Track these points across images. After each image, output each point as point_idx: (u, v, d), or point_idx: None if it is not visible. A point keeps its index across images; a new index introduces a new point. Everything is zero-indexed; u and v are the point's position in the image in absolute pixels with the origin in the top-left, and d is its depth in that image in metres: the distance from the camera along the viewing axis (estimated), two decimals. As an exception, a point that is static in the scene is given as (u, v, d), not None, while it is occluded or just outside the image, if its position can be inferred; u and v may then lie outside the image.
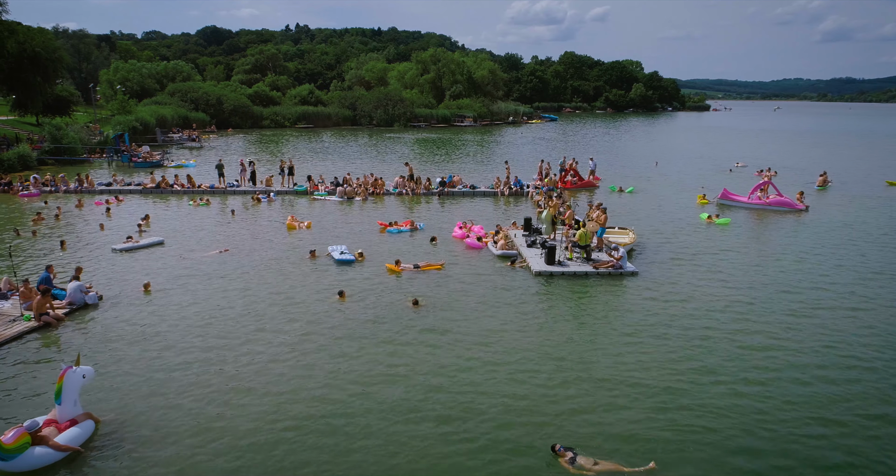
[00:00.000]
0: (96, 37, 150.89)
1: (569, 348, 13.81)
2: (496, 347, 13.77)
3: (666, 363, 13.05)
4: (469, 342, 14.02)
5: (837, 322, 15.47)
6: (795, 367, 12.98)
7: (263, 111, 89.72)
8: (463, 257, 21.26)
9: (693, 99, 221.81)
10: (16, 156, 41.47)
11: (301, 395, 11.60)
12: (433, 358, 13.20)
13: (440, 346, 13.82)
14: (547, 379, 12.31)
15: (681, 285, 18.29)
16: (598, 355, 13.46)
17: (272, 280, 18.40)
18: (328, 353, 13.36)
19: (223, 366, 12.73)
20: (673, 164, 49.65)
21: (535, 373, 12.57)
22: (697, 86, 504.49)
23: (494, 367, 12.82)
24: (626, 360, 13.17)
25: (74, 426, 9.77)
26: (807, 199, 31.49)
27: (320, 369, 12.63)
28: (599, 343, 14.14)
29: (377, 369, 12.65)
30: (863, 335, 14.66)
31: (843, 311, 16.30)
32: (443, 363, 12.95)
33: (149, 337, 14.06)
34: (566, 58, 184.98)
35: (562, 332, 14.72)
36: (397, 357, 13.23)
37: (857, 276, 19.44)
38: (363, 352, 13.45)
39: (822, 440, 10.35)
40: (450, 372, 12.58)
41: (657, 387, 12.01)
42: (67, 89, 64.86)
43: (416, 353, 13.46)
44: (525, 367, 12.84)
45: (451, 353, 13.45)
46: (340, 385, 11.96)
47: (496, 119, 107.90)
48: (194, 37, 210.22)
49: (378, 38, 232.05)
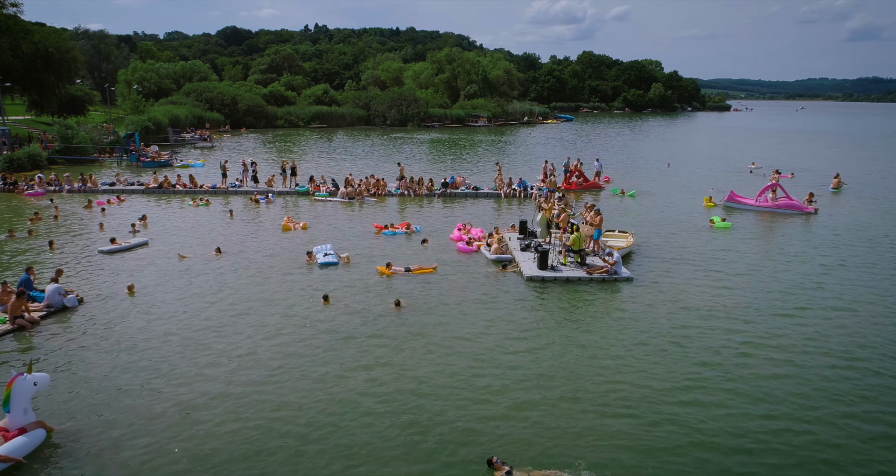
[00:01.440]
0: (118, 37, 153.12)
1: (547, 358, 13.31)
2: (469, 355, 13.32)
3: (654, 378, 12.50)
4: (443, 349, 13.57)
5: (838, 332, 14.81)
6: (799, 383, 12.37)
7: (278, 111, 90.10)
8: (456, 261, 20.83)
9: (713, 99, 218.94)
10: (26, 155, 41.87)
11: (266, 403, 11.26)
12: (404, 363, 12.79)
13: (413, 351, 13.41)
14: (510, 389, 11.84)
15: (677, 293, 17.66)
16: (578, 367, 12.94)
17: (257, 284, 18.11)
18: (299, 359, 13.01)
19: (193, 376, 12.44)
20: (686, 165, 48.72)
21: (502, 383, 12.11)
22: (720, 86, 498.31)
23: (463, 375, 12.38)
24: (605, 373, 12.65)
25: (22, 435, 9.52)
26: (820, 201, 30.63)
27: (288, 375, 12.28)
28: (581, 354, 13.62)
29: (346, 374, 12.28)
30: (862, 346, 14.00)
31: (846, 321, 15.61)
32: (412, 369, 12.54)
33: (122, 342, 13.82)
34: (584, 57, 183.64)
35: (544, 341, 14.23)
36: (365, 362, 12.83)
37: (860, 283, 18.66)
38: (333, 355, 13.08)
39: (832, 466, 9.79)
40: (418, 378, 12.16)
41: (642, 402, 11.49)
42: (82, 89, 65.47)
43: (389, 357, 13.07)
44: (495, 376, 12.39)
45: (422, 360, 13.03)
46: (306, 391, 11.60)
47: (511, 119, 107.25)
48: (214, 37, 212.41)
49: (396, 38, 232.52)
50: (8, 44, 47.96)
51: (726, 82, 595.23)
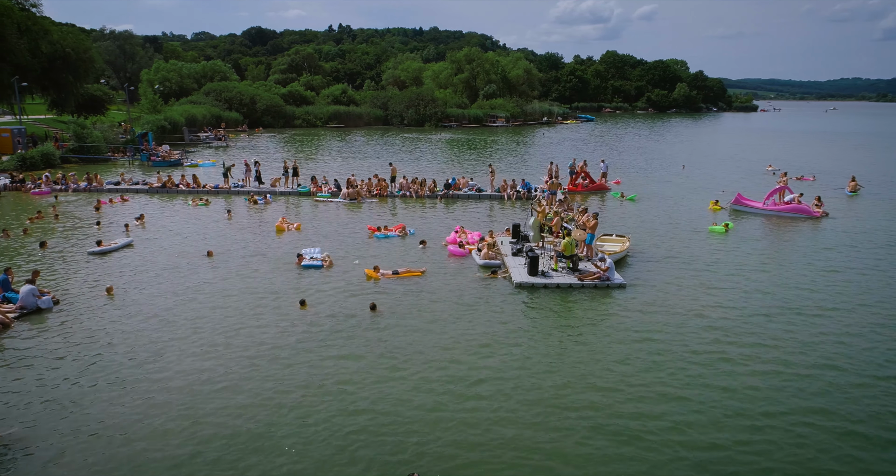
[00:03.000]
0: (146, 38, 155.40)
1: (516, 371, 12.78)
2: (439, 365, 12.84)
3: (639, 395, 11.91)
4: (408, 359, 13.11)
5: (840, 347, 14.03)
6: (797, 397, 11.68)
7: (295, 110, 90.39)
8: (446, 265, 20.35)
9: (740, 99, 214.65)
10: (39, 154, 42.36)
11: (224, 410, 10.93)
12: (368, 370, 12.36)
13: (374, 361, 12.98)
14: (469, 399, 11.35)
15: (671, 300, 16.95)
16: (555, 380, 12.40)
17: (238, 287, 17.84)
18: (262, 367, 12.67)
19: (153, 380, 12.18)
20: (702, 167, 47.51)
21: (463, 393, 11.63)
22: (748, 85, 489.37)
23: (432, 386, 11.91)
24: (575, 390, 12.09)
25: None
26: (836, 205, 29.55)
27: (247, 383, 11.93)
28: (559, 366, 13.06)
29: (302, 381, 11.90)
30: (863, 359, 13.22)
31: (848, 335, 14.81)
32: (377, 378, 12.10)
33: (88, 347, 13.60)
34: (607, 57, 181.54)
35: (520, 351, 13.69)
36: (329, 369, 12.44)
37: (863, 294, 17.77)
38: (295, 360, 12.71)
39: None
40: (380, 388, 11.73)
41: (622, 422, 10.92)
42: (102, 89, 66.30)
43: (349, 368, 12.65)
44: (461, 387, 11.90)
45: (388, 369, 12.59)
46: (264, 399, 11.24)
47: (529, 119, 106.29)
48: (239, 37, 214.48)
49: (419, 38, 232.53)
50: (26, 44, 48.61)
51: (755, 82, 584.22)
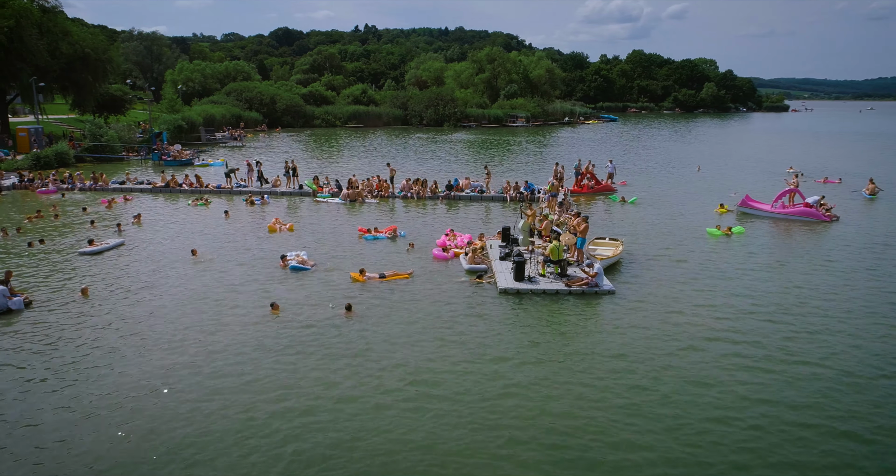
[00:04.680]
0: (175, 39, 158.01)
1: (484, 383, 12.21)
2: (402, 374, 12.35)
3: (617, 416, 11.27)
4: (373, 366, 12.64)
5: (838, 362, 13.18)
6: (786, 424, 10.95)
7: (315, 110, 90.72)
8: (433, 268, 19.84)
9: (771, 99, 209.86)
10: (53, 153, 42.95)
11: (170, 419, 10.60)
12: (330, 378, 11.92)
13: (342, 366, 12.53)
14: (427, 413, 10.82)
15: (661, 309, 16.19)
16: (515, 401, 11.82)
17: (211, 288, 17.57)
18: (225, 376, 12.32)
19: (111, 386, 11.91)
20: (719, 168, 46.18)
21: (418, 407, 11.11)
22: (781, 85, 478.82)
23: (391, 396, 11.43)
24: (539, 409, 11.49)
25: None
26: (853, 208, 28.35)
27: (202, 388, 11.59)
28: (528, 380, 12.46)
29: (260, 388, 11.51)
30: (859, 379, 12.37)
31: (849, 347, 13.93)
32: (336, 387, 11.66)
33: (47, 352, 13.41)
34: (633, 56, 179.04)
35: (493, 361, 13.12)
36: (288, 377, 12.02)
37: (864, 308, 16.79)
38: (257, 366, 12.33)
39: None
40: (340, 399, 11.28)
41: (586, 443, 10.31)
42: (122, 89, 67.20)
43: (316, 373, 12.23)
44: (419, 399, 11.39)
45: (350, 377, 12.14)
46: (213, 406, 10.89)
47: (550, 119, 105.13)
48: (267, 38, 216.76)
49: (444, 38, 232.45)
50: (45, 45, 49.36)
51: (788, 82, 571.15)
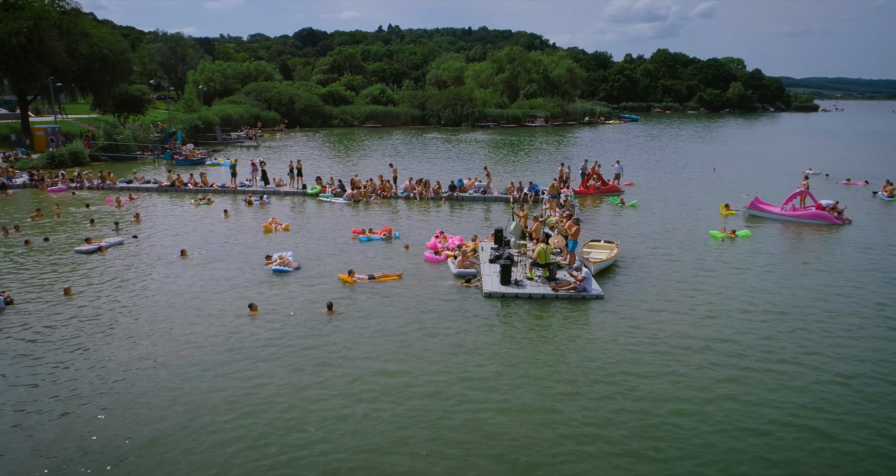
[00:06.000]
0: (202, 40, 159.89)
1: (450, 394, 11.86)
2: (370, 381, 12.05)
3: (594, 431, 10.85)
4: (346, 372, 12.37)
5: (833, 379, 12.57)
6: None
7: (333, 110, 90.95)
8: (423, 270, 19.53)
9: (800, 99, 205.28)
10: (68, 152, 43.56)
11: (132, 421, 10.45)
12: (302, 383, 11.68)
13: (316, 371, 12.28)
14: (392, 421, 10.50)
15: (650, 315, 15.67)
16: (481, 411, 11.44)
17: (198, 290, 17.47)
18: (192, 379, 12.15)
19: (82, 385, 11.83)
20: (737, 169, 45.04)
21: (379, 416, 10.79)
22: (813, 85, 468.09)
23: (358, 406, 11.14)
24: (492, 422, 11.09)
25: None
26: (870, 210, 27.34)
27: (161, 389, 11.43)
28: (496, 390, 12.08)
29: (222, 390, 11.30)
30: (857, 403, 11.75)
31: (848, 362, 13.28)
32: (305, 394, 11.40)
33: (19, 352, 13.41)
34: (658, 56, 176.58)
35: (460, 371, 12.76)
36: (255, 380, 11.81)
37: (869, 315, 16.04)
38: (219, 370, 12.15)
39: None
40: (309, 405, 11.03)
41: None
42: (141, 89, 68.04)
43: (285, 379, 12.00)
44: (382, 408, 11.08)
45: (320, 383, 11.88)
46: (171, 411, 10.71)
47: (570, 119, 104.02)
48: (291, 39, 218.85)
49: (467, 38, 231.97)
50: (64, 46, 50.14)
51: (821, 81, 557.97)
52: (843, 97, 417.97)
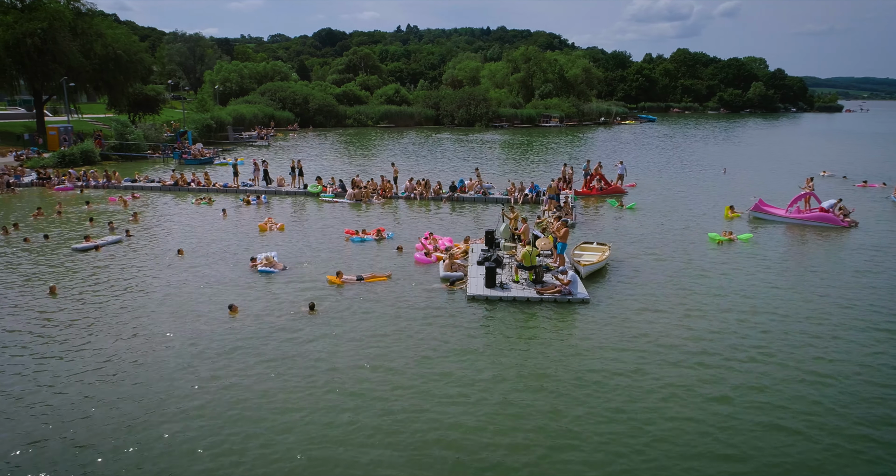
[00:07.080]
0: (218, 40, 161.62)
1: (424, 401, 11.66)
2: (342, 385, 11.90)
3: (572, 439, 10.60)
4: (322, 375, 12.23)
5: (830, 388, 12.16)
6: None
7: (347, 110, 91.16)
8: (411, 271, 19.35)
9: (823, 99, 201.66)
10: (79, 151, 44.09)
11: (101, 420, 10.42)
12: (271, 387, 11.57)
13: (289, 374, 12.17)
14: (352, 427, 10.33)
15: (636, 320, 15.31)
16: (467, 415, 11.23)
17: (182, 288, 17.48)
18: (172, 380, 12.11)
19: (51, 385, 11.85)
20: (749, 171, 44.22)
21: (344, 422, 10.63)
22: (839, 84, 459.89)
23: (336, 410, 11.00)
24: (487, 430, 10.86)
25: None
26: (882, 213, 26.60)
27: (127, 388, 11.39)
28: (467, 397, 11.86)
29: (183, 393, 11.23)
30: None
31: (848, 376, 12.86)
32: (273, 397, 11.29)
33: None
34: (678, 55, 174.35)
35: (433, 377, 12.56)
36: (221, 383, 11.72)
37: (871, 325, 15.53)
38: (187, 373, 12.08)
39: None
40: (273, 410, 10.91)
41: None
42: (155, 89, 68.76)
43: (251, 381, 11.90)
44: (340, 415, 10.92)
45: (299, 388, 11.76)
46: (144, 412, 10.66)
47: (585, 119, 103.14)
48: (310, 39, 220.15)
49: (485, 38, 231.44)
50: (79, 47, 50.83)
51: (847, 81, 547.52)
52: (870, 97, 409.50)
